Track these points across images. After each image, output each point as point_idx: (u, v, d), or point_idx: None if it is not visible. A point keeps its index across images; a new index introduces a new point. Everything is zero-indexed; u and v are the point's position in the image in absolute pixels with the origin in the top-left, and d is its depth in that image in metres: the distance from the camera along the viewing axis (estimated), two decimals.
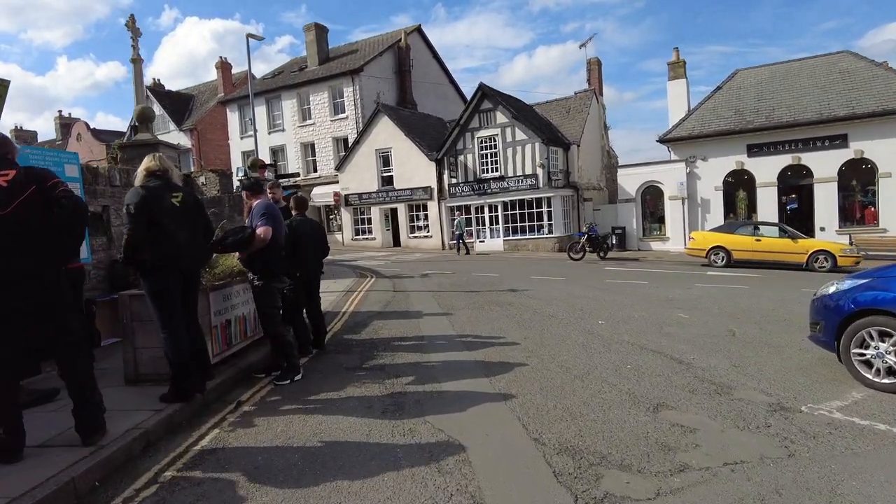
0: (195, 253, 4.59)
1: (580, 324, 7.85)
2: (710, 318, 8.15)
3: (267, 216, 5.21)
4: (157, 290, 4.24)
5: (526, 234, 24.71)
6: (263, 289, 5.22)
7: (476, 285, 12.70)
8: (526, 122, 24.30)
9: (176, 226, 4.32)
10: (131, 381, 4.89)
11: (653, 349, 6.22)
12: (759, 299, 10.02)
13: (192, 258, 4.57)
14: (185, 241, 4.40)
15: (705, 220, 22.43)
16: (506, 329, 7.51)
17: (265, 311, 5.26)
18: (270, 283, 5.29)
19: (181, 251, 4.35)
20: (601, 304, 9.64)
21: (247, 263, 5.24)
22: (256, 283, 5.21)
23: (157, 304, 4.25)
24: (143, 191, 4.21)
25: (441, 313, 8.98)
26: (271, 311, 5.30)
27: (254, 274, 5.20)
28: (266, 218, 5.21)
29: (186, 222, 4.45)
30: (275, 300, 5.35)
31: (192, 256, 4.55)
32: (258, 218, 5.17)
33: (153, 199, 4.21)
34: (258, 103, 33.39)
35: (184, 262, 4.41)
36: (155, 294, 4.24)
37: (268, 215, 5.23)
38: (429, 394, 4.73)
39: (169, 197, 4.33)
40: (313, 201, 31.40)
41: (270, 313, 5.28)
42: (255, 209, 5.28)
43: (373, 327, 7.90)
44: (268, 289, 5.26)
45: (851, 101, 20.23)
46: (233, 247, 5.11)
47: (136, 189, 4.25)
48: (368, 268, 17.87)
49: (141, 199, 4.14)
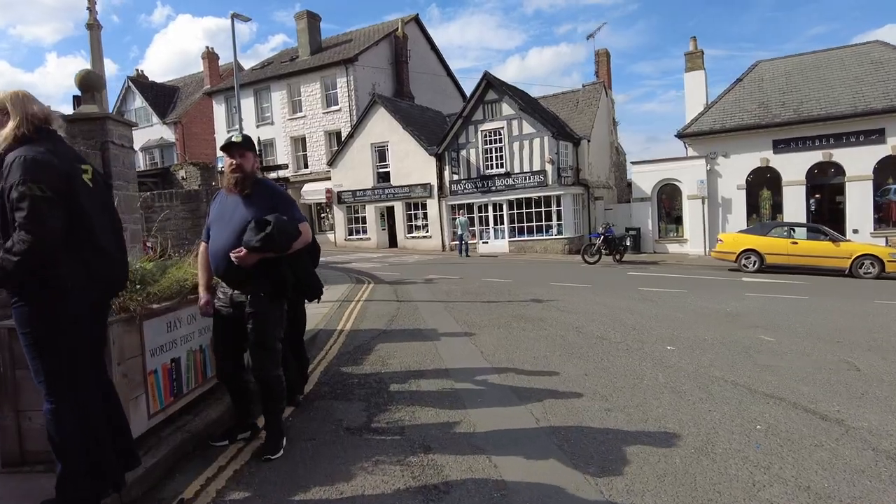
0: (125, 261, 2.85)
1: (643, 350, 6.14)
2: (803, 341, 6.46)
3: (293, 205, 3.61)
4: (56, 323, 2.47)
5: (533, 235, 22.96)
6: (272, 310, 3.48)
7: (491, 293, 10.97)
8: (534, 114, 22.59)
9: (97, 218, 2.60)
10: (11, 464, 3.11)
11: (766, 392, 4.53)
12: (834, 314, 8.37)
13: (124, 270, 2.85)
14: (113, 244, 2.67)
15: (726, 222, 20.84)
16: (552, 359, 5.78)
17: (269, 345, 3.49)
18: (282, 303, 3.59)
19: (113, 259, 2.63)
20: (652, 320, 7.94)
21: (254, 271, 3.38)
22: (257, 304, 3.42)
23: (48, 348, 2.49)
24: (48, 155, 2.45)
25: (461, 333, 7.24)
26: (276, 346, 3.55)
27: (259, 288, 3.41)
28: (296, 207, 3.60)
29: (106, 213, 2.72)
30: (281, 328, 3.63)
31: (123, 267, 2.82)
32: (284, 205, 3.48)
33: (69, 172, 2.48)
34: (246, 95, 31.48)
35: (116, 275, 2.70)
36: (52, 330, 2.47)
37: (293, 203, 3.64)
38: (486, 489, 2.99)
39: (80, 170, 2.59)
40: (304, 199, 29.54)
41: (275, 347, 3.54)
42: (266, 192, 3.54)
43: (378, 354, 6.13)
44: (278, 311, 3.55)
45: (889, 93, 18.68)
46: (280, 245, 3.32)
47: (31, 154, 2.40)
48: (365, 271, 16.07)
49: (52, 169, 2.41)
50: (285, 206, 3.45)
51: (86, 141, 6.63)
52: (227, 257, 3.31)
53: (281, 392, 3.59)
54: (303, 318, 4.89)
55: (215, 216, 3.53)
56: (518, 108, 22.59)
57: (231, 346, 3.54)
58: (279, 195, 3.55)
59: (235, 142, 3.50)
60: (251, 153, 3.54)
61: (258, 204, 3.39)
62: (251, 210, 3.36)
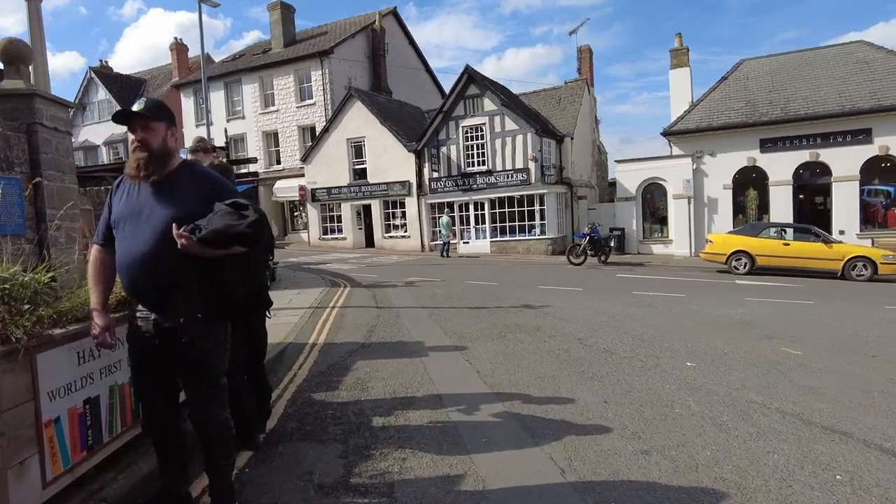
0: None
1: (660, 366, 5.39)
2: (834, 355, 5.78)
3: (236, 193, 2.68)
4: None
5: (516, 235, 22.20)
6: (213, 335, 2.57)
7: (478, 298, 10.15)
8: (517, 110, 21.85)
9: None
10: None
11: (824, 425, 3.79)
12: (851, 322, 7.75)
13: None
14: None
15: (712, 222, 20.41)
16: (561, 380, 4.97)
17: (212, 382, 2.58)
18: (225, 323, 2.69)
19: None
20: (658, 329, 7.21)
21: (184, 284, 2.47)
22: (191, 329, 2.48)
23: None
24: None
25: (451, 346, 6.39)
26: (221, 381, 2.64)
27: (192, 309, 2.48)
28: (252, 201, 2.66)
29: None
30: (227, 356, 2.70)
31: None
32: (225, 193, 2.56)
33: None
34: (216, 88, 30.14)
35: None
36: None
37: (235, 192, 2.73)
38: None
39: None
40: (276, 196, 28.36)
41: (219, 384, 2.63)
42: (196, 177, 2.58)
43: (357, 375, 5.24)
44: (221, 335, 2.64)
45: (875, 92, 18.45)
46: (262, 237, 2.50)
47: None
48: (340, 273, 15.09)
49: None
50: (227, 195, 2.52)
51: (8, 122, 5.58)
52: (145, 267, 2.40)
53: (228, 442, 2.70)
54: (262, 335, 3.94)
55: (122, 212, 2.53)
56: (500, 104, 21.82)
57: (157, 386, 2.61)
58: (215, 181, 2.60)
59: (136, 111, 2.45)
60: (162, 124, 2.51)
61: (187, 193, 2.47)
62: (177, 202, 2.44)
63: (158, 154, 2.48)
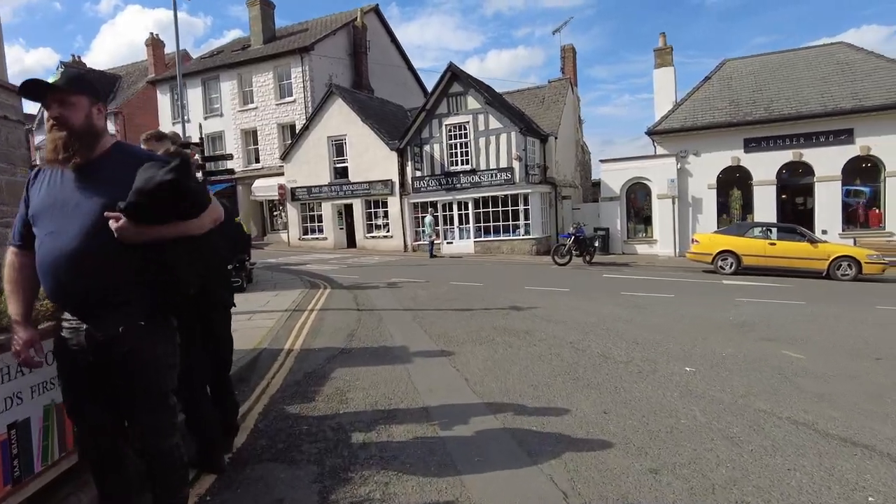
0: None
1: (658, 372, 5.09)
2: (838, 359, 5.54)
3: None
4: None
5: (500, 235, 21.89)
6: (159, 343, 2.18)
7: (462, 299, 9.80)
8: (501, 109, 21.55)
9: None
10: None
11: (842, 436, 3.51)
12: (847, 324, 7.56)
13: None
14: None
15: (696, 222, 20.33)
16: (556, 388, 4.63)
17: (159, 401, 2.18)
18: (173, 329, 2.28)
19: None
20: (652, 331, 6.93)
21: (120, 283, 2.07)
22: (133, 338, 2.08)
23: None
24: None
25: (436, 352, 6.02)
26: (170, 400, 2.25)
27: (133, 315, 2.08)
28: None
29: None
30: (176, 371, 2.28)
31: None
32: None
33: None
34: (193, 84, 29.42)
35: None
36: None
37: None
38: None
39: None
40: (255, 195, 27.72)
41: (168, 403, 2.23)
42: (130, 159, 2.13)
43: (335, 385, 4.84)
44: (169, 344, 2.24)
45: (857, 93, 18.52)
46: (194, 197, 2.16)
47: None
48: (320, 274, 14.62)
49: None
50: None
51: None
52: (72, 267, 1.99)
53: (179, 471, 2.31)
54: (227, 340, 3.50)
55: (42, 204, 2.10)
56: (484, 102, 21.51)
57: (94, 407, 2.19)
58: (152, 160, 2.15)
59: (52, 83, 2.02)
60: (84, 98, 2.08)
61: (119, 178, 2.04)
62: (107, 189, 2.02)
63: (80, 133, 2.05)
